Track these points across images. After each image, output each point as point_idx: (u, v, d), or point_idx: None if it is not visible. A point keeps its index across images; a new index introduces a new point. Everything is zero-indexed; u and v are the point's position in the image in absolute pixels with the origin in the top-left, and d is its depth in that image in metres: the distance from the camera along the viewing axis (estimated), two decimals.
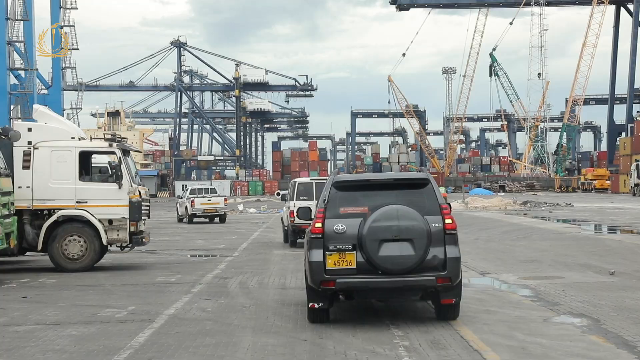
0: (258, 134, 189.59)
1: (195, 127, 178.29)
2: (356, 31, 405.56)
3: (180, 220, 43.84)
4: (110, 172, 19.58)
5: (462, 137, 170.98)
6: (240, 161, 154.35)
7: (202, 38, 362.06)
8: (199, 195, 41.73)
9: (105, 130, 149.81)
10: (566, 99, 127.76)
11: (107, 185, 19.41)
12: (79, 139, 19.90)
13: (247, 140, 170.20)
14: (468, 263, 19.51)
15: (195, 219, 41.35)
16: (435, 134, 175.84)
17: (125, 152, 19.85)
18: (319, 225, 10.58)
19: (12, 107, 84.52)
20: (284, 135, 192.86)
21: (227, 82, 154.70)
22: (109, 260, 21.24)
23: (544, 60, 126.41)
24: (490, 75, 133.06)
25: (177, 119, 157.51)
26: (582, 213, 45.44)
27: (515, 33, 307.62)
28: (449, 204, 11.29)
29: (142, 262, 21.38)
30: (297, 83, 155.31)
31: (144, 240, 19.66)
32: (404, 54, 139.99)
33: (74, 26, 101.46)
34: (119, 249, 20.02)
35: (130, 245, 19.52)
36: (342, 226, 10.49)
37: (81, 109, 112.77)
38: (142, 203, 19.72)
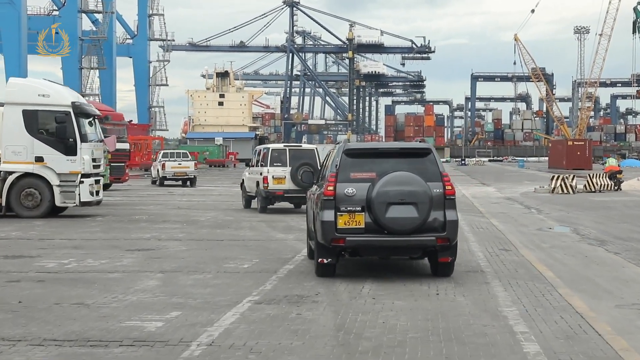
0: (372, 98, 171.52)
1: (308, 90, 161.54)
2: None
3: (153, 182, 41.86)
4: None
5: (590, 104, 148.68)
6: (352, 126, 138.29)
7: (321, 4, 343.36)
8: (170, 159, 40.56)
9: (213, 91, 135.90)
10: None
11: None
12: None
13: (361, 104, 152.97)
14: None
15: (166, 182, 40.45)
16: (561, 100, 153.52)
17: None
18: (331, 188, 10.69)
19: (83, 56, 68.85)
20: (398, 100, 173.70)
21: (340, 43, 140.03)
22: None
23: None
24: (634, 32, 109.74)
25: (288, 82, 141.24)
26: None
27: None
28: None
29: None
30: (414, 45, 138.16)
31: None
32: (532, 10, 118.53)
33: None
34: None
35: None
36: (352, 190, 10.64)
37: (169, 61, 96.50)
38: None
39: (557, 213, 22.94)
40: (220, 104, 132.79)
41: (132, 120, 73.01)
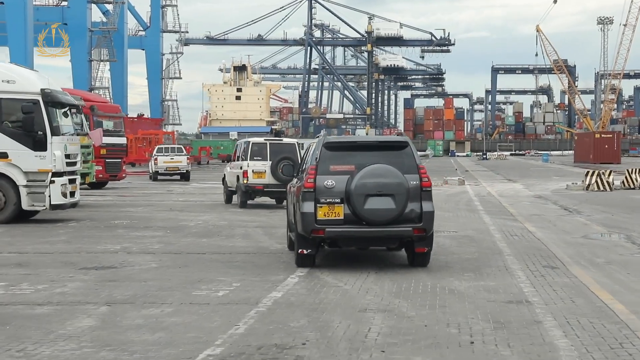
0: (391, 91, 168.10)
1: (326, 84, 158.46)
2: None
3: (150, 178, 41.15)
4: None
5: (613, 96, 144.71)
6: (371, 120, 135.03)
7: None
8: (163, 154, 40.49)
9: (231, 85, 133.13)
10: None
11: None
12: None
13: (379, 98, 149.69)
14: None
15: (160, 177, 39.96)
16: (584, 92, 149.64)
17: None
18: (311, 180, 10.81)
19: (92, 48, 66.22)
20: (417, 94, 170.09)
21: (359, 36, 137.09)
22: None
23: None
24: None
25: (307, 76, 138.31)
26: None
27: None
28: None
29: None
30: (433, 37, 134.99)
31: None
32: (555, 1, 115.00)
33: None
34: None
35: None
36: (331, 182, 10.76)
37: (182, 53, 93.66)
38: None
39: (599, 215, 19.88)
40: (238, 98, 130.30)
41: (144, 114, 70.54)
